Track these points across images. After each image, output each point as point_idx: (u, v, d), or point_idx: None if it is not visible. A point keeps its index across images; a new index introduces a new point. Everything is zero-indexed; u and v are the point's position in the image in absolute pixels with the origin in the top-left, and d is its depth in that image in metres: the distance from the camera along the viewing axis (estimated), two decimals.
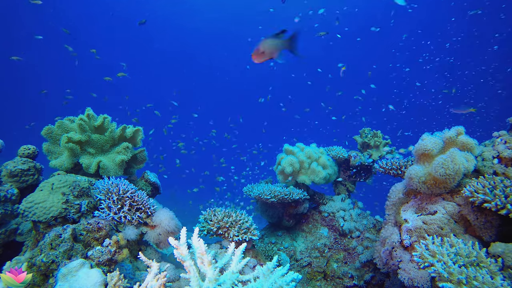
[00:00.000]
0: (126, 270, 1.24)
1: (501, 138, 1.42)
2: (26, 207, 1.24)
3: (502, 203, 1.06)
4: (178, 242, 0.90)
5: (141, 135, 1.95)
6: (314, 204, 2.40)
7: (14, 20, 14.07)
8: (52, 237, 1.08)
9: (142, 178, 1.90)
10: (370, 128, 2.58)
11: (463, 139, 1.38)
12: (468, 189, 1.18)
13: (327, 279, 2.00)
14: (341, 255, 2.09)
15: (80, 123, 1.68)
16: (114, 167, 1.71)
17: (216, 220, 1.48)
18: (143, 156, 1.99)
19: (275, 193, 2.01)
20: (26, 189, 1.58)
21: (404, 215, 1.40)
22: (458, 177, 1.27)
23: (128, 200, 1.41)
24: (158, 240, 1.44)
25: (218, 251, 1.48)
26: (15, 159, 1.62)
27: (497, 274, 0.93)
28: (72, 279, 0.93)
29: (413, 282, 1.19)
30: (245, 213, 1.56)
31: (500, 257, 1.02)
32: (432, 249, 1.03)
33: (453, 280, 0.90)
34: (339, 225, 2.23)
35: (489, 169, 1.37)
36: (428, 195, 1.40)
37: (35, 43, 15.45)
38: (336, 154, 2.41)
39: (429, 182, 1.33)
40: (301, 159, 2.24)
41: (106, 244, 1.13)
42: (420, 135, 1.46)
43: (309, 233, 2.28)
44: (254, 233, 1.47)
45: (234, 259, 0.97)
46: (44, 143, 1.72)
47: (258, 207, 2.36)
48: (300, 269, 2.06)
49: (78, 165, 1.70)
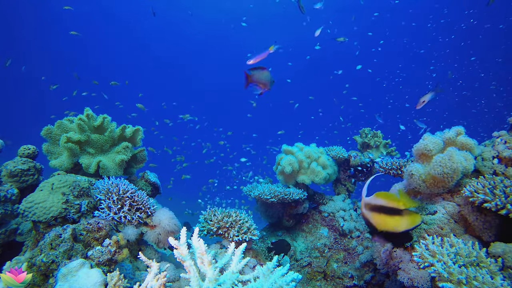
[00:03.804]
0: (126, 270, 1.24)
1: (501, 138, 1.42)
2: (26, 207, 1.24)
3: (502, 203, 1.06)
4: (178, 242, 0.90)
5: (140, 135, 1.94)
6: (314, 204, 2.40)
7: (15, 20, 14.07)
8: (52, 237, 1.08)
9: (142, 178, 1.90)
10: (370, 128, 2.58)
11: (463, 139, 1.38)
12: (468, 189, 1.18)
13: (327, 279, 2.00)
14: (341, 255, 2.09)
15: (79, 123, 1.68)
16: (114, 167, 1.71)
17: (216, 220, 1.48)
18: (143, 156, 1.99)
19: (275, 193, 2.01)
20: (26, 189, 1.58)
21: None
22: (456, 176, 1.27)
23: (128, 200, 1.41)
24: (158, 240, 1.44)
25: (218, 251, 1.48)
26: (15, 159, 1.62)
27: (497, 274, 0.93)
28: (72, 279, 0.93)
29: (413, 282, 1.19)
30: (245, 213, 1.56)
31: (500, 257, 1.02)
32: (432, 249, 1.03)
33: (453, 280, 0.90)
34: (339, 225, 2.23)
35: (489, 169, 1.37)
36: (428, 195, 1.40)
37: (35, 43, 15.47)
38: (336, 154, 2.41)
39: (428, 181, 1.33)
40: (300, 159, 2.24)
41: (106, 244, 1.13)
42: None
43: (309, 233, 2.28)
44: (254, 233, 1.47)
45: (234, 259, 0.97)
46: (44, 143, 1.72)
47: (258, 207, 2.36)
48: (300, 269, 2.06)
49: (78, 165, 1.70)
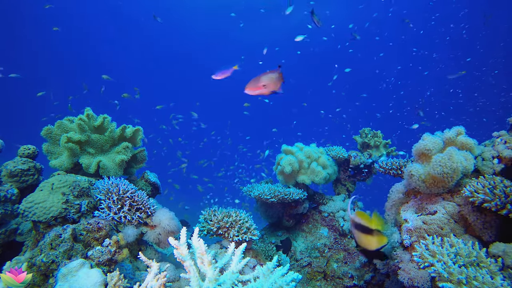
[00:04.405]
0: (126, 270, 1.24)
1: (501, 138, 1.42)
2: (26, 207, 1.24)
3: (502, 203, 1.06)
4: (178, 242, 0.90)
5: (141, 135, 1.94)
6: (314, 204, 2.40)
7: (15, 20, 14.07)
8: (52, 237, 1.08)
9: (142, 178, 1.90)
10: (370, 128, 2.58)
11: (463, 139, 1.38)
12: (468, 189, 1.18)
13: (327, 279, 2.00)
14: (341, 255, 2.09)
15: (79, 123, 1.68)
16: (114, 167, 1.71)
17: (216, 220, 1.48)
18: (143, 156, 1.99)
19: (275, 193, 2.01)
20: (26, 189, 1.58)
21: (404, 215, 1.40)
22: (456, 176, 1.27)
23: (128, 200, 1.41)
24: (158, 240, 1.44)
25: (218, 251, 1.48)
26: (15, 159, 1.62)
27: (497, 274, 0.93)
28: (72, 279, 0.93)
29: (413, 282, 1.19)
30: (245, 212, 1.56)
31: (500, 257, 1.02)
32: (432, 249, 1.03)
33: (453, 280, 0.90)
34: (339, 225, 2.23)
35: (489, 169, 1.37)
36: (428, 195, 1.40)
37: (35, 43, 15.46)
38: (336, 154, 2.41)
39: (428, 181, 1.33)
40: (300, 159, 2.24)
41: (106, 244, 1.13)
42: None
43: (309, 233, 2.28)
44: (254, 233, 1.47)
45: (234, 259, 0.97)
46: (44, 143, 1.72)
47: (258, 207, 2.36)
48: (300, 269, 2.06)
49: (78, 165, 1.70)
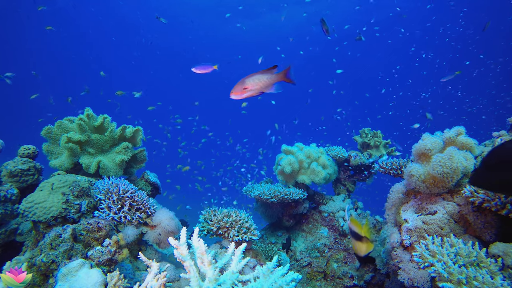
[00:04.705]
0: (126, 270, 1.24)
1: (501, 138, 1.42)
2: (26, 207, 1.24)
3: (502, 203, 1.06)
4: (178, 242, 0.90)
5: (141, 135, 1.94)
6: (314, 204, 2.40)
7: (15, 19, 14.07)
8: (52, 237, 1.08)
9: (142, 178, 1.90)
10: (370, 128, 2.58)
11: (463, 139, 1.38)
12: (468, 189, 1.18)
13: (327, 279, 2.00)
14: (341, 255, 2.09)
15: (79, 123, 1.68)
16: (114, 167, 1.71)
17: (216, 220, 1.48)
18: (143, 156, 1.99)
19: (275, 193, 2.01)
20: (26, 189, 1.58)
21: (404, 215, 1.40)
22: (456, 176, 1.27)
23: (128, 200, 1.41)
24: (158, 240, 1.44)
25: (218, 251, 1.48)
26: (15, 159, 1.62)
27: (497, 274, 0.93)
28: (72, 279, 0.93)
29: (413, 282, 1.19)
30: (245, 212, 1.56)
31: (500, 257, 1.02)
32: (432, 249, 1.03)
33: (453, 280, 0.90)
34: (339, 225, 2.23)
35: None
36: (428, 195, 1.40)
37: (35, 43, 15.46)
38: (336, 154, 2.41)
39: (428, 181, 1.33)
40: (300, 159, 2.24)
41: (106, 244, 1.13)
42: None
43: (309, 233, 2.28)
44: (254, 233, 1.47)
45: (234, 259, 0.97)
46: (44, 143, 1.72)
47: (258, 207, 2.36)
48: (300, 269, 2.06)
49: (78, 165, 1.70)
